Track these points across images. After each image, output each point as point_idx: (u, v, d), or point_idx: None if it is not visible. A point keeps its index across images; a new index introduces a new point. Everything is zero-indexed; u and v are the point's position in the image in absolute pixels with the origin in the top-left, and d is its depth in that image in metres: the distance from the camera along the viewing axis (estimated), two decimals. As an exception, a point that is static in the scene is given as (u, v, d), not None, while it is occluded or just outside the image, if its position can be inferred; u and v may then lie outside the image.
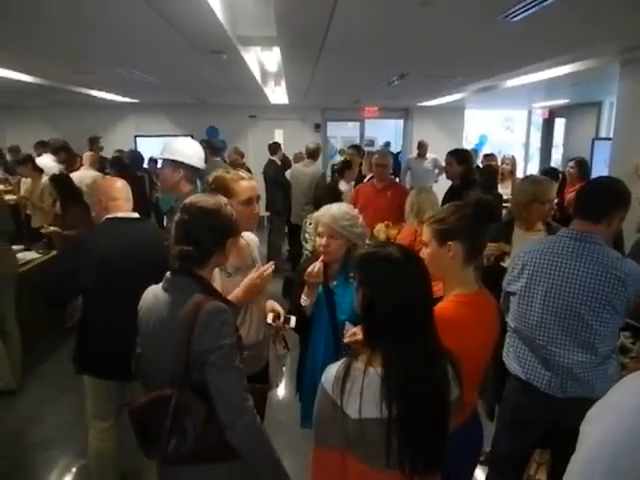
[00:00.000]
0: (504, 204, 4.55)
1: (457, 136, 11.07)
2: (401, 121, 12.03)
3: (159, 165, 2.92)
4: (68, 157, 6.76)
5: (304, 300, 2.26)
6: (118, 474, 2.80)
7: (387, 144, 11.00)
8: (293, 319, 2.28)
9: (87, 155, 6.24)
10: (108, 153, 8.34)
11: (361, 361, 1.33)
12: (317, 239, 2.29)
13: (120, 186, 2.66)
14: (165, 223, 4.64)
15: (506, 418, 2.32)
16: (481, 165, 7.07)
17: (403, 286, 1.32)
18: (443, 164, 5.98)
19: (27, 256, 4.65)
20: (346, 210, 2.28)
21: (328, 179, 6.83)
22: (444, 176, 5.72)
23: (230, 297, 1.96)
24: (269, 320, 2.24)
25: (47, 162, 6.60)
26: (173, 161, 2.82)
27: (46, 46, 4.42)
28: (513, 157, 6.41)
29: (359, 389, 1.28)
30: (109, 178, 3.02)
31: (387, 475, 1.31)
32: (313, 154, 6.59)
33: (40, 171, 5.85)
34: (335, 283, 2.29)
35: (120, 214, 2.57)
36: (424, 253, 1.81)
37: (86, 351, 2.56)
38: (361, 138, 11.83)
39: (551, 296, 2.09)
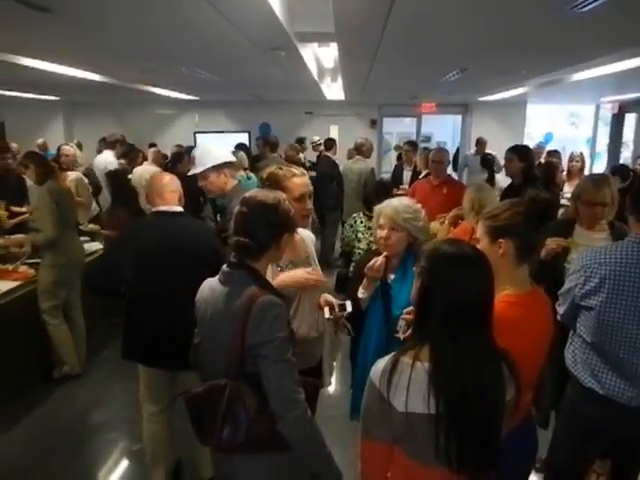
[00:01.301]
0: (563, 202, 4.37)
1: (518, 132, 10.68)
2: (459, 117, 11.76)
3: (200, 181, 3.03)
4: (128, 152, 6.99)
5: (361, 293, 2.27)
6: (172, 457, 2.91)
7: (428, 138, 10.81)
8: (348, 303, 2.26)
9: (151, 151, 6.48)
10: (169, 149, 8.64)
11: (409, 355, 1.33)
12: (378, 231, 2.28)
13: (167, 181, 2.74)
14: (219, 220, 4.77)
15: (571, 428, 2.22)
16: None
17: (463, 284, 1.30)
18: (501, 162, 5.80)
19: (92, 247, 4.87)
20: (408, 203, 2.28)
21: (386, 176, 6.79)
22: (503, 174, 5.54)
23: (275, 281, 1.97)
24: (326, 315, 2.24)
25: (107, 157, 6.89)
26: (214, 167, 2.94)
27: (117, 48, 4.62)
28: (582, 154, 6.11)
29: (406, 383, 1.28)
30: (158, 173, 3.13)
31: (435, 472, 1.31)
32: (362, 150, 6.55)
33: (62, 169, 5.66)
34: (393, 278, 2.27)
35: (163, 208, 2.66)
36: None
37: (128, 339, 2.70)
38: (417, 134, 11.65)
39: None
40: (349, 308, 2.25)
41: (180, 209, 2.71)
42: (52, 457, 3.24)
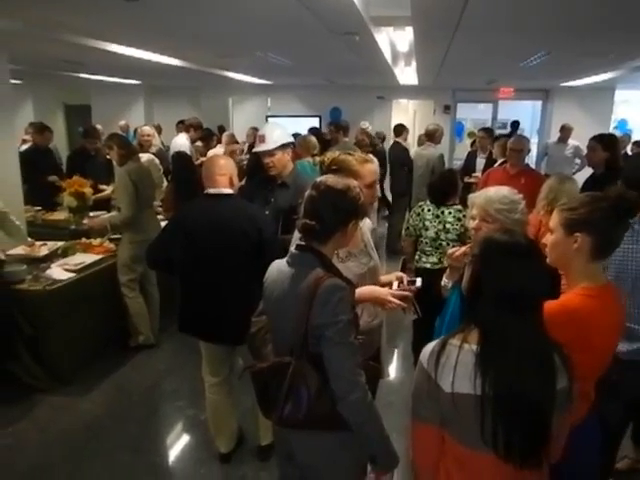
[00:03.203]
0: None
1: (604, 120, 10.01)
2: (539, 103, 11.20)
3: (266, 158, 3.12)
4: (203, 136, 7.22)
5: (444, 281, 2.25)
6: (234, 426, 3.07)
7: (515, 125, 10.21)
8: (419, 280, 2.24)
9: (225, 135, 6.67)
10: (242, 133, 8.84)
11: (458, 338, 1.36)
12: (470, 221, 2.24)
13: (221, 163, 2.78)
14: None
15: None
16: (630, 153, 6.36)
17: (512, 272, 1.31)
18: (584, 152, 5.46)
19: (167, 224, 5.11)
20: (505, 194, 2.14)
21: (458, 163, 6.61)
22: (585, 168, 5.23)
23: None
24: (394, 287, 2.24)
25: (181, 140, 7.15)
26: (282, 145, 3.08)
27: (197, 33, 4.77)
28: None
29: (453, 363, 1.32)
30: (212, 156, 3.23)
31: (483, 457, 1.32)
32: (432, 136, 6.41)
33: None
34: None
35: (212, 190, 2.73)
36: (547, 239, 1.73)
37: (182, 314, 2.85)
38: (493, 121, 11.23)
39: None
40: (418, 284, 2.23)
41: (229, 191, 2.75)
42: (126, 419, 3.48)
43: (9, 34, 4.28)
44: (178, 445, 3.29)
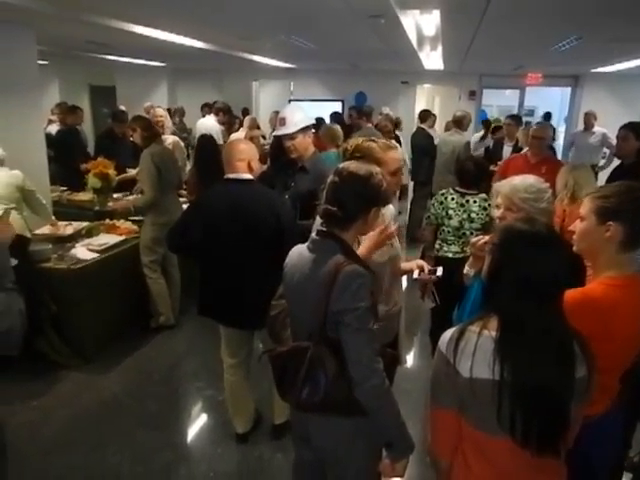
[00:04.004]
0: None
1: (636, 108, 9.72)
2: (568, 89, 10.92)
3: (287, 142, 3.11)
4: (229, 119, 7.27)
5: (467, 269, 2.23)
6: (250, 408, 3.12)
7: (547, 116, 10.03)
8: (439, 269, 2.24)
9: (247, 118, 6.68)
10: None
11: (477, 325, 1.37)
12: (495, 210, 2.20)
13: (241, 148, 2.77)
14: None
15: None
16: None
17: (532, 261, 1.30)
18: (614, 141, 5.30)
19: (190, 206, 5.15)
20: (531, 182, 2.11)
21: (477, 151, 6.51)
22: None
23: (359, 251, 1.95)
24: (415, 275, 2.23)
25: (209, 122, 7.19)
26: (303, 128, 3.05)
27: (219, 14, 4.75)
28: None
29: (472, 349, 1.32)
30: (232, 141, 3.22)
31: (501, 443, 1.32)
32: (460, 123, 6.30)
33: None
34: None
35: (231, 176, 2.73)
36: (576, 226, 1.70)
37: (201, 297, 2.88)
38: (520, 107, 11.00)
39: None
40: (439, 273, 2.22)
41: (248, 177, 2.74)
42: (146, 398, 3.56)
43: (37, 15, 4.31)
44: (196, 424, 3.35)
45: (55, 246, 3.98)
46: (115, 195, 5.18)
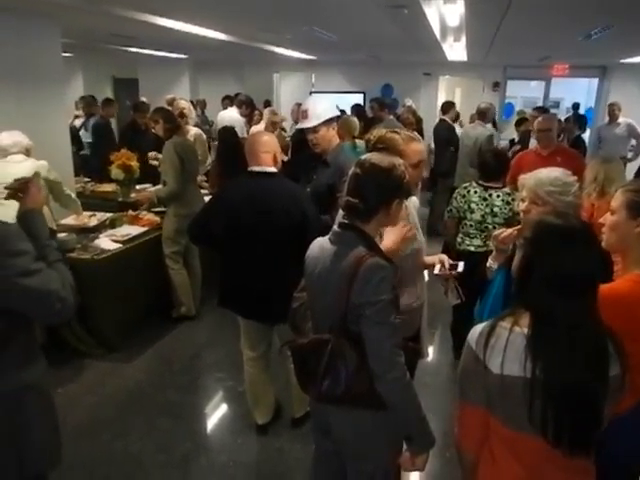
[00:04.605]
0: None
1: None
2: (595, 80, 10.66)
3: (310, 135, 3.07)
4: (250, 111, 7.28)
5: (490, 263, 2.20)
6: (270, 400, 3.13)
7: (576, 106, 9.76)
8: (461, 264, 2.21)
9: (267, 110, 6.67)
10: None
11: (508, 321, 1.34)
12: (520, 203, 2.16)
13: (264, 140, 2.75)
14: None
15: None
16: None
17: (565, 257, 1.26)
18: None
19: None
20: (558, 175, 2.06)
21: (503, 143, 6.40)
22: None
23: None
24: (436, 271, 2.20)
25: (232, 114, 7.21)
26: (325, 121, 3.00)
27: (238, 6, 4.74)
28: None
29: (503, 345, 1.29)
30: (256, 133, 3.20)
31: (530, 442, 1.29)
32: (484, 114, 6.20)
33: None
34: None
35: (255, 168, 2.70)
36: (606, 219, 1.67)
37: (222, 289, 2.89)
38: (545, 99, 10.78)
39: None
40: (460, 268, 2.19)
41: (272, 170, 2.72)
42: (168, 387, 3.60)
43: (62, 7, 4.36)
44: (216, 414, 3.38)
45: (79, 236, 4.04)
46: (138, 186, 5.23)
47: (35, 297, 1.52)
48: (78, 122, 7.66)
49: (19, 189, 1.73)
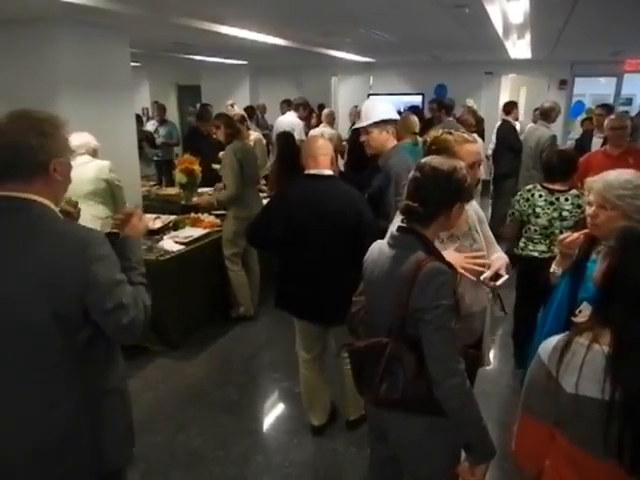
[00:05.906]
0: None
1: None
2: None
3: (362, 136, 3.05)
4: (308, 114, 7.37)
5: (554, 268, 2.12)
6: (325, 402, 3.13)
7: (629, 101, 9.07)
8: (505, 276, 2.05)
9: (325, 112, 6.73)
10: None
11: (585, 337, 1.23)
12: (587, 208, 2.07)
13: (320, 144, 2.77)
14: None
15: None
16: None
17: None
18: None
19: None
20: (628, 177, 1.94)
21: (569, 143, 6.12)
22: None
23: None
24: (483, 276, 2.10)
25: (291, 119, 7.32)
26: (377, 122, 2.98)
27: (298, 13, 4.81)
28: None
29: (579, 363, 1.19)
30: (313, 136, 3.22)
31: (602, 465, 1.20)
32: (547, 115, 5.95)
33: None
34: (594, 257, 2.00)
35: (313, 171, 2.72)
36: None
37: (280, 291, 2.91)
38: (616, 97, 10.22)
39: None
40: (500, 282, 2.03)
41: (330, 173, 2.75)
42: (226, 385, 3.69)
43: (130, 19, 4.58)
44: (273, 414, 3.43)
45: (144, 238, 4.21)
46: (200, 190, 5.40)
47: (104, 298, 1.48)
48: (150, 126, 8.09)
49: (125, 220, 1.78)
